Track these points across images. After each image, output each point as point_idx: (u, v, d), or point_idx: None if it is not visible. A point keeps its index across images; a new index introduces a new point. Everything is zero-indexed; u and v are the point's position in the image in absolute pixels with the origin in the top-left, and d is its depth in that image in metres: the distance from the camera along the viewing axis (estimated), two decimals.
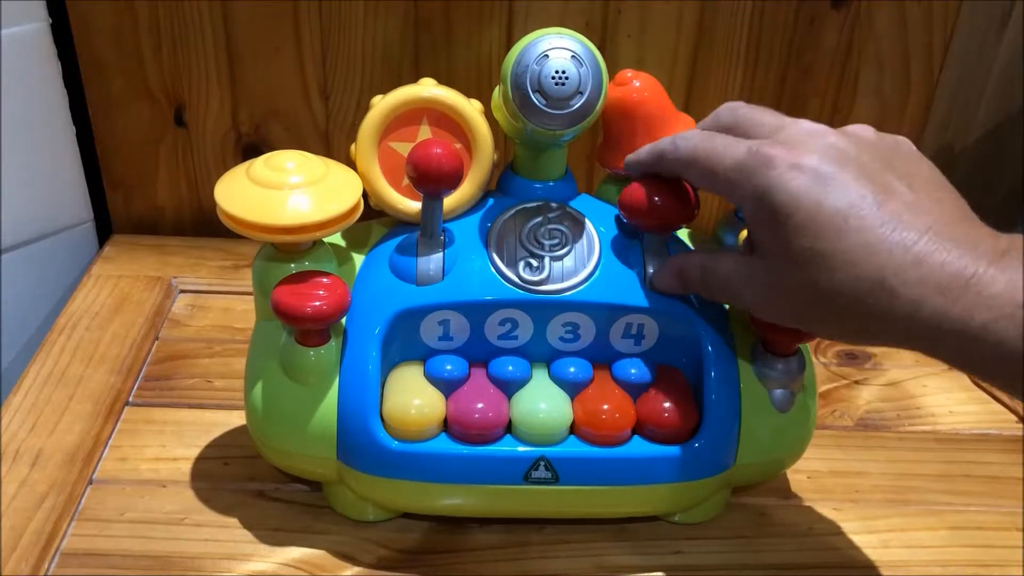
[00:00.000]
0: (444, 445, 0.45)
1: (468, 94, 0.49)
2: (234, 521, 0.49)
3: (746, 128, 0.42)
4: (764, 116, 0.42)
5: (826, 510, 0.52)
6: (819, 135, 0.40)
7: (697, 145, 0.42)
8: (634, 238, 0.48)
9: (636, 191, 0.45)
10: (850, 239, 0.37)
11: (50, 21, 0.64)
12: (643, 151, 0.45)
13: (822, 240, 0.37)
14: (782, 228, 0.38)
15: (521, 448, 0.45)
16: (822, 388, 0.61)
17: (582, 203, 0.49)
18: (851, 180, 0.38)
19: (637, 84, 0.48)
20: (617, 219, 0.49)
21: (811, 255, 0.38)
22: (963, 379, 0.63)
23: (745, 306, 0.43)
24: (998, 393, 0.61)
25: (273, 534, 0.49)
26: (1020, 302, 0.34)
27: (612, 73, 0.46)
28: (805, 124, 0.41)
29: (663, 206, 0.45)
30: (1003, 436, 0.58)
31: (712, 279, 0.43)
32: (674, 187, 0.45)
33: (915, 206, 0.37)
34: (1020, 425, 0.59)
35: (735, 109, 0.43)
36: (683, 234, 0.52)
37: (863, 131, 0.41)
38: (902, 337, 0.38)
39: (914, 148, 0.41)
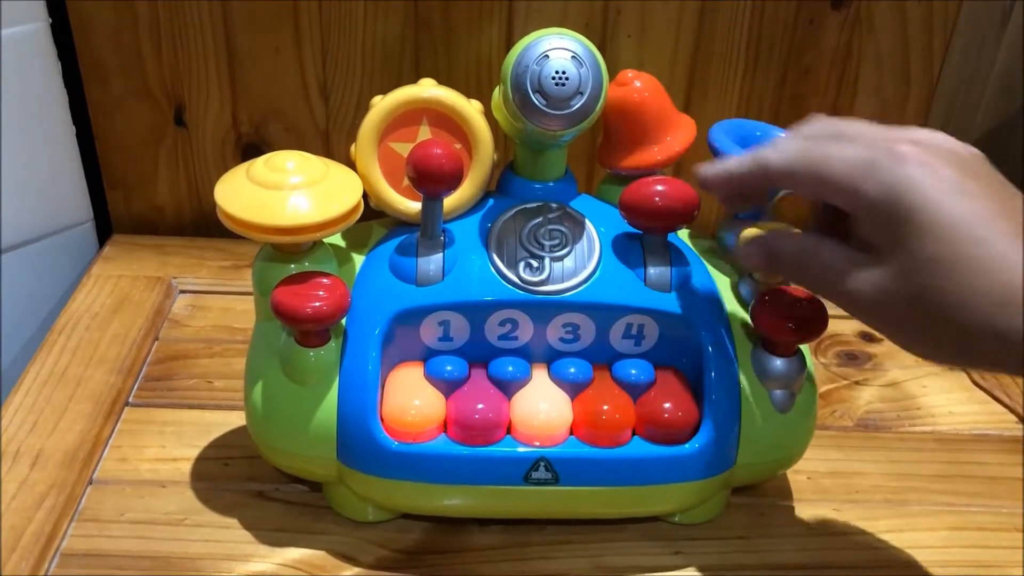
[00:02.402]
0: (444, 446, 0.45)
1: (468, 94, 0.49)
2: (234, 521, 0.49)
3: (850, 137, 0.40)
4: (863, 126, 0.40)
5: (826, 510, 0.52)
6: (940, 141, 0.39)
7: (805, 149, 0.40)
8: (634, 238, 0.48)
9: (637, 191, 0.45)
10: (970, 250, 0.36)
11: (50, 21, 0.64)
12: (731, 164, 0.42)
13: (943, 245, 0.36)
14: (902, 228, 0.37)
15: (521, 449, 0.45)
16: (822, 388, 0.61)
17: (582, 203, 0.49)
18: (976, 189, 0.37)
19: (638, 84, 0.48)
20: (617, 219, 0.49)
21: (927, 259, 0.36)
22: (963, 379, 0.63)
23: (838, 300, 0.40)
24: (998, 393, 0.61)
25: (273, 534, 0.49)
26: None
27: (612, 73, 0.45)
28: (922, 130, 0.40)
29: (664, 206, 0.45)
30: (1003, 436, 0.58)
31: (811, 265, 0.41)
32: (676, 186, 0.45)
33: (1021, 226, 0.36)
34: (1020, 425, 0.59)
35: (834, 121, 0.41)
36: (683, 234, 0.52)
37: (955, 145, 0.40)
38: (999, 358, 0.36)
39: (989, 164, 0.40)
